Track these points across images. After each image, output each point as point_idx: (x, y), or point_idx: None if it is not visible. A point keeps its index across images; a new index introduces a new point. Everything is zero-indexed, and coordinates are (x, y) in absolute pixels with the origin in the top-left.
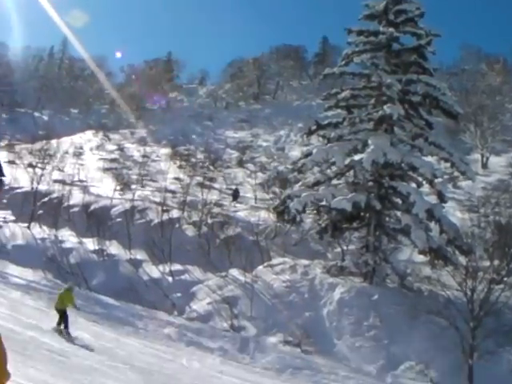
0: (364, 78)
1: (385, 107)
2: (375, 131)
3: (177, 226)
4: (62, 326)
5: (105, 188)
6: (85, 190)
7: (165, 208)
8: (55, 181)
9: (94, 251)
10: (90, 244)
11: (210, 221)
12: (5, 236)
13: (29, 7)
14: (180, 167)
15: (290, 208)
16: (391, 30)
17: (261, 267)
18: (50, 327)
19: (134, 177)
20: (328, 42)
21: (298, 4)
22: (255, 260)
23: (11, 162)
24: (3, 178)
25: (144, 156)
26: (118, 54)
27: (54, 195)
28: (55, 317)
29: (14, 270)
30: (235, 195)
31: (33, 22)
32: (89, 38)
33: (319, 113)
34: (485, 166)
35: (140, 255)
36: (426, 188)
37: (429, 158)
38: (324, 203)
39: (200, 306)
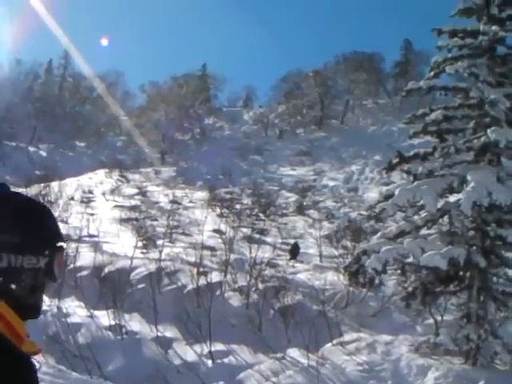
0: (460, 94)
1: (488, 132)
2: (476, 163)
3: (218, 293)
4: None
5: (123, 245)
6: (96, 247)
7: (202, 270)
8: None
9: (110, 328)
10: (104, 318)
11: (261, 286)
12: None
13: (20, 12)
14: (221, 216)
15: (367, 267)
16: (495, 28)
17: (329, 346)
18: None
19: (161, 229)
20: (411, 47)
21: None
22: (321, 336)
23: None
24: (63, 244)
25: (173, 202)
26: (104, 42)
27: None
28: None
29: None
30: (294, 252)
31: (26, 31)
32: (97, 50)
33: (402, 141)
34: None
35: (170, 332)
36: None
37: None
38: (411, 260)
39: None
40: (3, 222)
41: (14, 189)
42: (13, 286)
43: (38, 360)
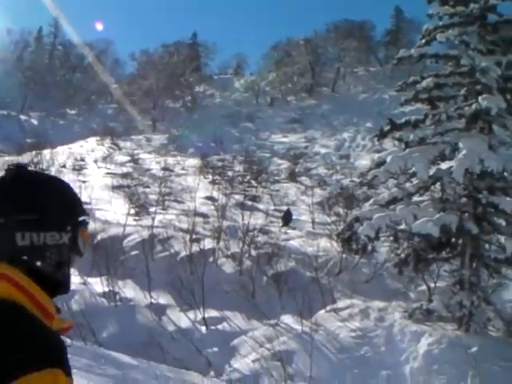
0: (451, 61)
1: (480, 99)
2: (468, 131)
3: (211, 259)
4: None
5: (115, 212)
6: (89, 215)
7: (195, 237)
8: None
9: (103, 294)
10: (98, 285)
11: (254, 252)
12: None
13: None
14: (213, 183)
15: (359, 234)
16: None
17: (322, 312)
18: None
19: (153, 197)
20: (402, 15)
21: None
22: (315, 303)
23: None
24: (86, 218)
25: (165, 169)
26: (99, 26)
27: None
28: None
29: None
30: (287, 218)
31: None
32: (87, 18)
33: (393, 108)
34: None
35: (163, 299)
36: None
37: None
38: (403, 227)
39: (244, 363)
40: (22, 200)
41: (6, 157)
42: (38, 264)
43: (67, 337)
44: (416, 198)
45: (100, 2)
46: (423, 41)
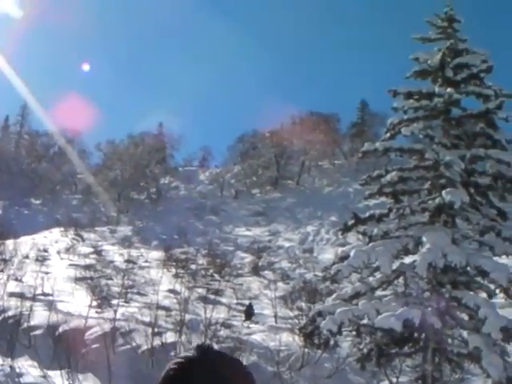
0: (416, 155)
1: (443, 193)
2: (431, 225)
3: (172, 353)
4: None
5: (77, 304)
6: (51, 306)
7: (156, 330)
8: (11, 294)
9: None
10: (58, 378)
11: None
12: None
13: None
14: (176, 276)
15: (322, 328)
16: (450, 90)
17: None
18: None
19: (116, 289)
20: (367, 108)
21: (326, 60)
22: None
23: None
24: None
25: (129, 261)
26: (86, 67)
27: (10, 313)
28: None
29: None
30: (249, 313)
31: None
32: (54, 107)
33: (358, 202)
34: None
35: None
36: (500, 298)
37: (503, 259)
38: (366, 321)
39: None
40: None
41: None
42: None
43: None
44: (379, 293)
45: (67, 92)
46: (388, 134)
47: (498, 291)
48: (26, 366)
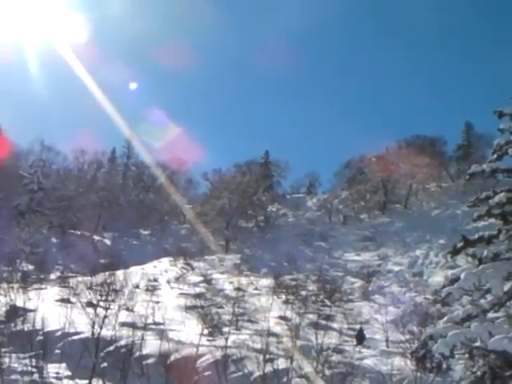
0: None
1: None
2: None
3: (284, 380)
4: None
5: (188, 332)
6: (162, 335)
7: (268, 357)
8: (123, 324)
9: None
10: None
11: (327, 372)
12: None
13: (81, 101)
14: (286, 303)
15: (434, 352)
16: None
17: None
18: None
19: (227, 317)
20: (473, 130)
21: (430, 82)
22: None
23: (65, 301)
24: None
25: (238, 289)
26: (133, 85)
27: (122, 343)
28: None
29: None
30: (360, 337)
31: (87, 121)
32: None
33: (466, 224)
34: None
35: None
36: None
37: None
38: (478, 344)
39: None
40: None
41: (79, 278)
42: None
43: None
44: (491, 315)
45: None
46: (495, 156)
47: None
48: None
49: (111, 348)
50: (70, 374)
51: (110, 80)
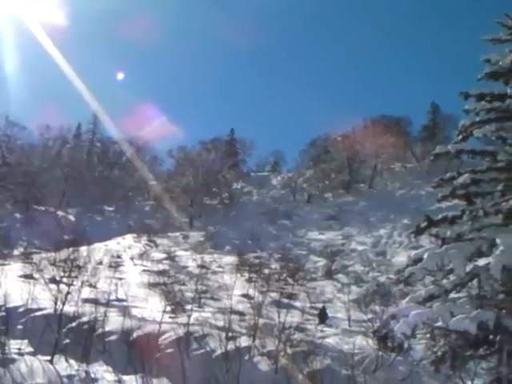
0: (488, 157)
1: None
2: (505, 227)
3: (246, 357)
4: None
5: (151, 309)
6: (125, 311)
7: (230, 334)
8: (86, 300)
9: None
10: (133, 383)
11: (289, 350)
12: (20, 373)
13: (48, 77)
14: (249, 281)
15: (395, 332)
16: None
17: None
18: None
19: (190, 294)
20: (439, 111)
21: (397, 63)
22: None
23: (28, 277)
24: None
25: (202, 267)
26: (120, 75)
27: (85, 319)
28: None
29: None
30: (322, 316)
31: (53, 96)
32: (126, 115)
33: (430, 205)
34: None
35: None
36: None
37: None
38: (440, 324)
39: None
40: None
41: (42, 254)
42: None
43: None
44: (453, 295)
45: (141, 98)
46: (460, 137)
47: None
48: (101, 371)
49: (74, 324)
50: (32, 350)
51: (77, 56)
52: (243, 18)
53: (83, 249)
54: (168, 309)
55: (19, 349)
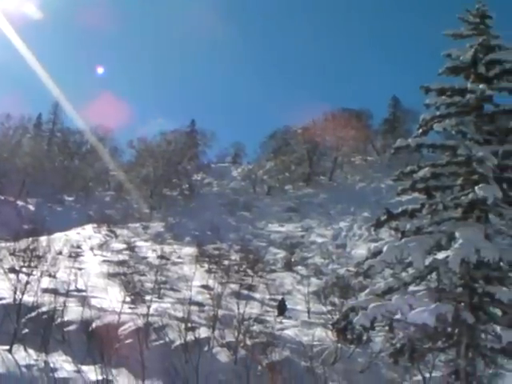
0: (448, 151)
1: (476, 188)
2: (464, 220)
3: (205, 348)
4: None
5: (110, 300)
6: (84, 302)
7: (190, 325)
8: (45, 290)
9: (97, 383)
10: (92, 373)
11: (248, 342)
12: None
13: (7, 64)
14: (209, 272)
15: (354, 324)
16: (482, 86)
17: None
18: None
19: (149, 285)
20: (399, 105)
21: (358, 56)
22: None
23: None
24: None
25: (161, 257)
26: (100, 70)
27: (44, 309)
28: None
29: None
30: (282, 308)
31: (13, 84)
32: (87, 104)
33: (390, 198)
34: None
35: None
36: None
37: None
38: (399, 317)
39: None
40: None
41: (1, 243)
42: None
43: None
44: (412, 288)
45: (100, 88)
46: (420, 130)
47: None
48: (60, 361)
49: (33, 314)
50: None
51: (41, 45)
52: (204, 7)
53: (43, 239)
54: (127, 299)
55: None
